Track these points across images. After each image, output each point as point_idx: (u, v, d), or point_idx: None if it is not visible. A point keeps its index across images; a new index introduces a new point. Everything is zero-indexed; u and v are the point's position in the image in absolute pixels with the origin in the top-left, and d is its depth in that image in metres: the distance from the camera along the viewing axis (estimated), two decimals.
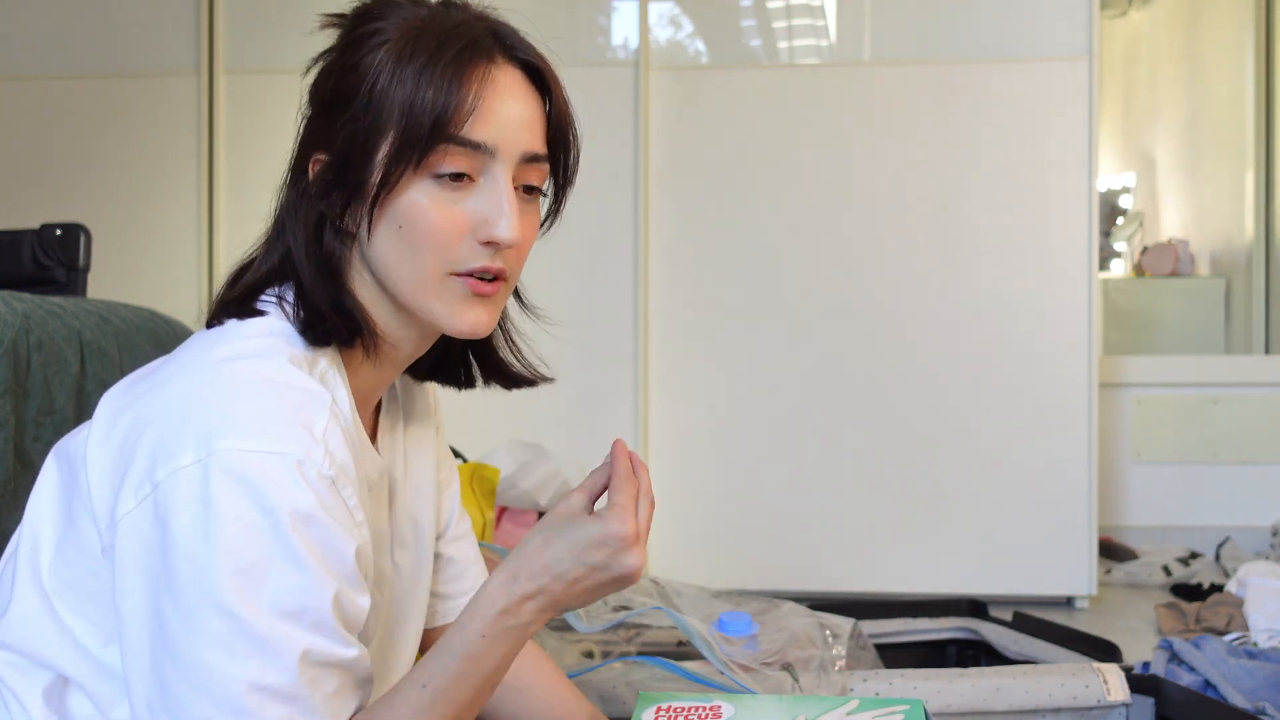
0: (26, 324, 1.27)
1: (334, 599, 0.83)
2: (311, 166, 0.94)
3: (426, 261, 0.92)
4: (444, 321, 0.94)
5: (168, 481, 0.81)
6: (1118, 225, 5.16)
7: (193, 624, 0.80)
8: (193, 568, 0.80)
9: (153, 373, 0.94)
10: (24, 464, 1.25)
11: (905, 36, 3.10)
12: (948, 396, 3.04)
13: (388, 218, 0.91)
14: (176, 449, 0.82)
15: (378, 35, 0.91)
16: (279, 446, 0.82)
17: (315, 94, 0.96)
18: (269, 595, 0.80)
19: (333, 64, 0.94)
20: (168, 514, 0.81)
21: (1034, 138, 3.02)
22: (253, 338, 0.91)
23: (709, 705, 1.04)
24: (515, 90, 0.94)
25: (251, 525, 0.80)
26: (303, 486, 0.82)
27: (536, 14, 1.15)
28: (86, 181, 3.16)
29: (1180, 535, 3.48)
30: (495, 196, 0.92)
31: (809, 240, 3.07)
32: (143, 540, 0.82)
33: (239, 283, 0.96)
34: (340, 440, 0.87)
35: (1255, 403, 3.49)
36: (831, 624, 1.40)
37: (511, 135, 0.92)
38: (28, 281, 1.72)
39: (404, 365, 1.02)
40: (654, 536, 3.11)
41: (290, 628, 0.81)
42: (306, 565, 0.81)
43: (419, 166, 0.90)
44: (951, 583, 2.99)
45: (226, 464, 0.81)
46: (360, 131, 0.90)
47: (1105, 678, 1.38)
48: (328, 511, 0.83)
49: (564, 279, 3.10)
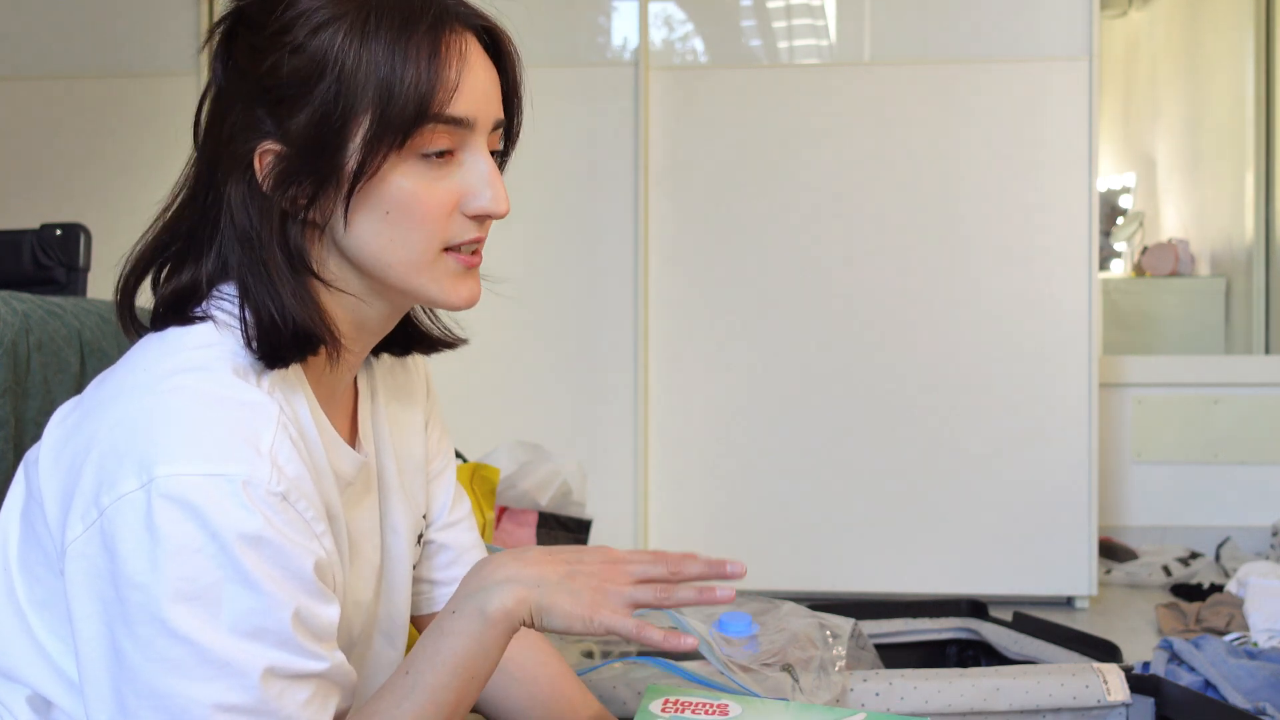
0: (26, 324, 1.26)
1: (294, 616, 0.81)
2: (259, 159, 0.87)
3: (418, 243, 0.89)
4: (438, 298, 0.92)
5: (112, 509, 0.79)
6: (1118, 225, 5.15)
7: (150, 652, 0.78)
8: (144, 596, 0.78)
9: (98, 387, 0.90)
10: None
11: (905, 36, 3.10)
12: (948, 396, 3.04)
13: (370, 204, 0.87)
14: (120, 475, 0.79)
15: (317, 12, 0.85)
16: (222, 468, 0.79)
17: (247, 76, 0.87)
18: (226, 619, 0.78)
19: (262, 42, 0.87)
20: (114, 542, 0.79)
21: (1034, 138, 3.02)
22: (195, 349, 0.86)
23: (716, 703, 1.04)
24: (482, 59, 0.91)
25: (200, 551, 0.78)
26: (249, 508, 0.79)
27: (537, 14, 1.15)
28: (86, 181, 3.16)
29: (1180, 535, 3.48)
30: (479, 169, 0.90)
31: (809, 240, 3.07)
32: (92, 566, 0.80)
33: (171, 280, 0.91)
34: (290, 452, 0.83)
35: (1255, 403, 3.49)
36: (831, 624, 1.40)
37: (484, 106, 0.90)
38: (28, 281, 1.72)
39: (371, 345, 0.99)
40: (654, 536, 3.11)
41: (251, 647, 0.79)
42: (260, 587, 0.79)
43: (402, 149, 0.86)
44: (951, 583, 2.99)
45: (169, 490, 0.78)
46: (329, 117, 0.85)
47: (1105, 678, 1.38)
48: (278, 530, 0.80)
49: (564, 279, 3.10)
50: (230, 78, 0.90)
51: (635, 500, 3.08)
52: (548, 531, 2.47)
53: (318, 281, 0.91)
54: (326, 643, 0.85)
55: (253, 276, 0.87)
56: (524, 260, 3.08)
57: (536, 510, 2.51)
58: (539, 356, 3.10)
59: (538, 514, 2.49)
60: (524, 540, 2.40)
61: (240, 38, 0.89)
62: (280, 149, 0.86)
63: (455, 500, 1.17)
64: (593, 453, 3.03)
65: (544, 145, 3.05)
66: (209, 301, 0.90)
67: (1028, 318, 3.02)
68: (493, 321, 1.13)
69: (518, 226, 3.04)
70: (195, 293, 0.90)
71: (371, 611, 1.04)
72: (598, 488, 2.92)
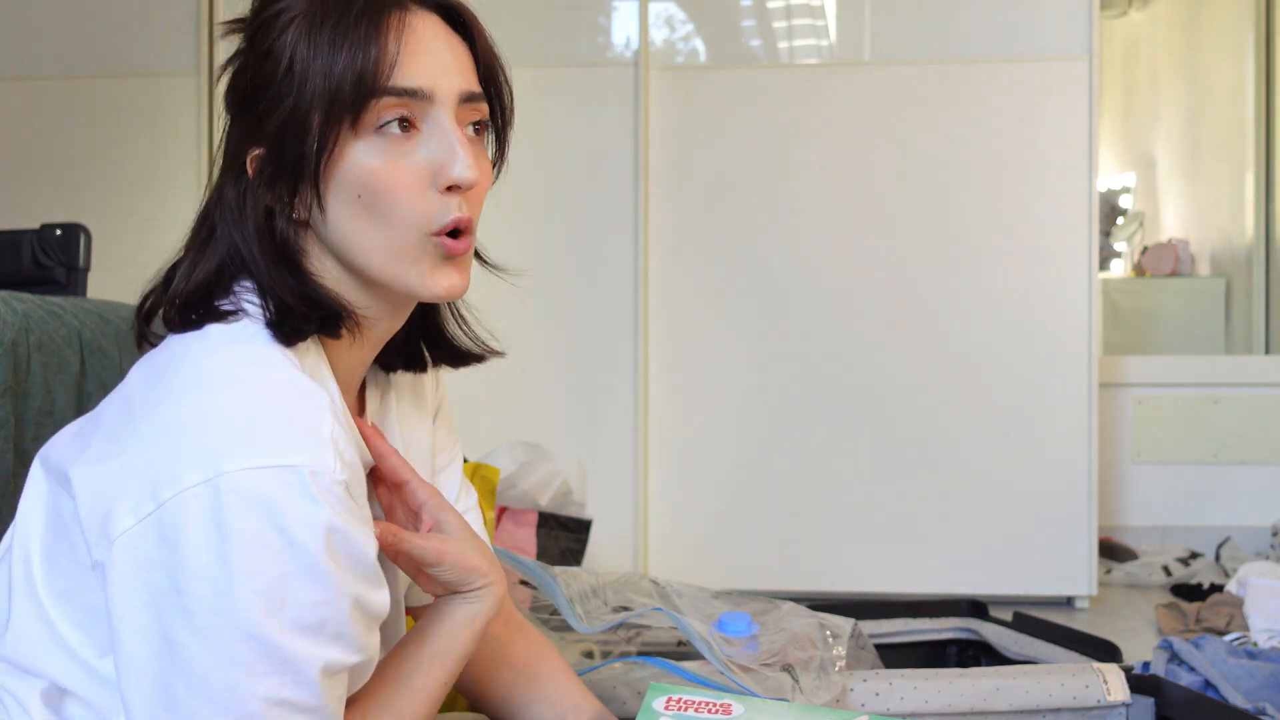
0: (26, 324, 1.27)
1: (353, 605, 0.83)
2: (250, 164, 0.91)
3: (397, 226, 0.89)
4: (418, 287, 0.92)
5: (174, 502, 0.79)
6: (1118, 225, 5.15)
7: (210, 644, 0.79)
8: (210, 590, 0.79)
9: (148, 383, 0.91)
10: (24, 464, 1.25)
11: (905, 36, 3.09)
12: (948, 396, 3.04)
13: (339, 189, 0.89)
14: (181, 468, 0.80)
15: (284, 14, 0.89)
16: (291, 459, 0.80)
17: (234, 96, 0.93)
18: (290, 613, 0.80)
19: (245, 59, 0.92)
20: (176, 535, 0.79)
21: (1034, 138, 3.02)
22: (244, 342, 0.88)
23: (720, 702, 1.04)
24: (437, 33, 0.92)
25: (269, 545, 0.79)
26: (319, 500, 0.80)
27: (537, 14, 1.15)
28: (86, 181, 3.16)
29: (1180, 535, 3.48)
30: (444, 139, 0.90)
31: (809, 240, 3.07)
32: (144, 560, 0.80)
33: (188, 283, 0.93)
34: (346, 439, 0.85)
35: (1255, 403, 3.49)
36: (831, 624, 1.40)
37: (444, 78, 0.90)
38: (28, 281, 1.72)
39: (381, 343, 0.99)
40: (654, 536, 3.11)
41: (310, 641, 0.81)
42: (327, 578, 0.81)
43: (356, 126, 0.88)
44: (951, 583, 2.99)
45: (238, 484, 0.79)
46: (288, 110, 0.88)
47: (1105, 678, 1.38)
48: (344, 519, 0.82)
49: (564, 279, 3.10)
50: (230, 99, 0.94)
51: (635, 500, 3.08)
52: (548, 531, 2.47)
53: (314, 264, 0.93)
54: (375, 629, 0.87)
55: (254, 267, 0.90)
56: (524, 260, 3.06)
57: (536, 510, 2.51)
58: (539, 356, 3.10)
59: (538, 514, 2.49)
60: (524, 540, 2.40)
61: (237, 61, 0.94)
62: (262, 151, 0.90)
63: (462, 491, 1.18)
64: (593, 453, 3.03)
65: (544, 145, 3.05)
66: (233, 297, 0.91)
67: (1028, 318, 3.02)
68: (492, 321, 1.13)
69: (518, 226, 3.04)
70: (211, 290, 0.92)
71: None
72: (598, 488, 2.92)
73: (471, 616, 1.00)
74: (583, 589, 1.42)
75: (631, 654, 1.65)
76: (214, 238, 0.93)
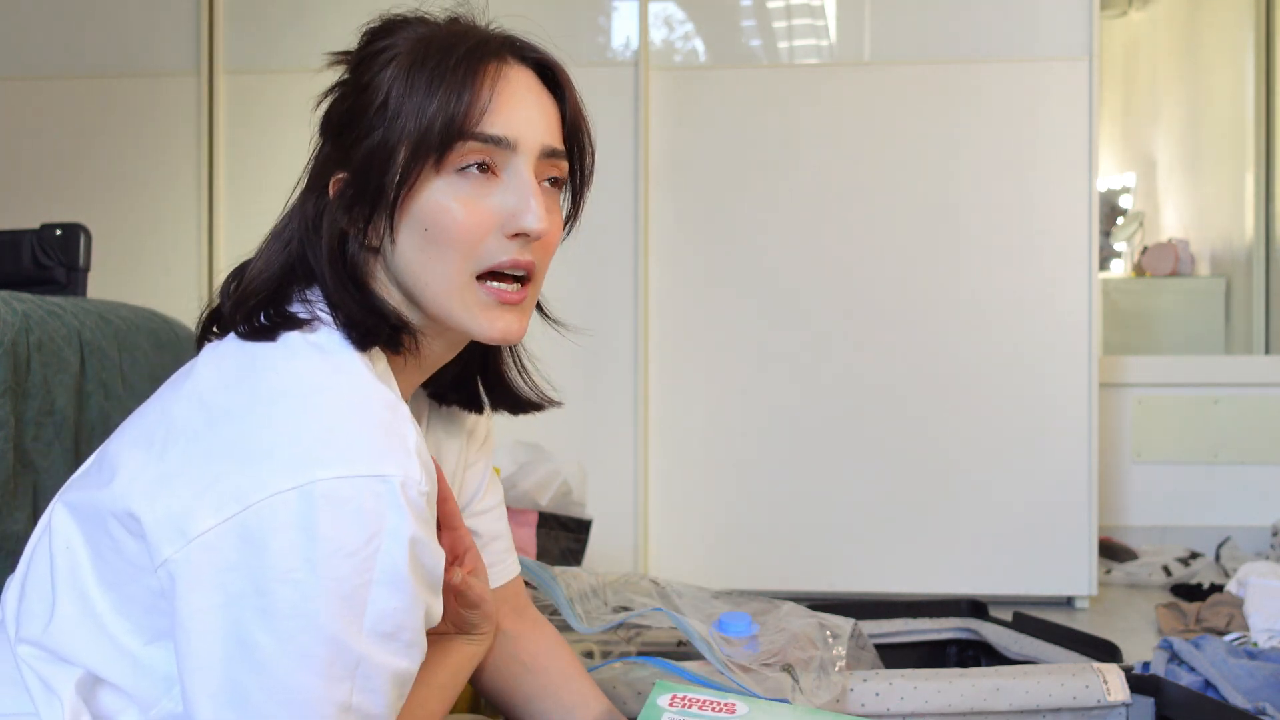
0: (26, 324, 1.26)
1: (425, 614, 0.86)
2: (332, 186, 0.94)
3: (453, 261, 0.92)
4: (473, 328, 0.94)
5: (263, 505, 0.81)
6: (1118, 225, 5.15)
7: (289, 647, 0.80)
8: (295, 593, 0.80)
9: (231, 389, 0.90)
10: (24, 464, 1.25)
11: (905, 36, 3.10)
12: (947, 396, 3.04)
13: (411, 221, 0.92)
14: (270, 473, 0.82)
15: (388, 51, 0.93)
16: (383, 469, 0.82)
17: (328, 122, 0.97)
18: (370, 620, 0.82)
19: (345, 89, 0.96)
20: (263, 538, 0.81)
21: (1034, 138, 3.02)
22: (325, 351, 0.90)
23: (724, 701, 1.04)
24: (530, 86, 0.95)
25: (357, 553, 0.81)
26: (405, 511, 0.82)
27: (536, 14, 1.16)
28: (86, 181, 3.17)
29: (1180, 535, 3.48)
30: (520, 189, 0.93)
31: (809, 240, 3.07)
32: (223, 559, 0.82)
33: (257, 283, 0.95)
34: (425, 450, 0.87)
35: (1255, 403, 3.49)
36: (831, 624, 1.40)
37: (529, 130, 0.94)
38: (28, 281, 1.72)
39: (433, 368, 1.02)
40: (654, 536, 3.11)
41: (385, 649, 0.83)
42: (407, 588, 0.83)
43: (440, 165, 0.91)
44: (951, 583, 3.00)
45: (328, 492, 0.80)
46: (378, 142, 0.91)
47: (1105, 678, 1.38)
48: (426, 529, 0.84)
49: (564, 279, 3.09)
50: (324, 124, 0.98)
51: (635, 500, 3.08)
52: (548, 531, 2.47)
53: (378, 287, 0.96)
54: None
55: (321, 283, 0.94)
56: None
57: (536, 510, 2.51)
58: (539, 356, 3.09)
59: (538, 514, 2.49)
60: (524, 540, 2.40)
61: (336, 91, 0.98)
62: (346, 175, 0.93)
63: (489, 488, 1.20)
64: (593, 453, 3.03)
65: None
66: (308, 305, 0.94)
67: (1028, 318, 3.02)
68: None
69: None
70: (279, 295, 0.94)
71: None
72: (598, 488, 2.92)
73: (474, 655, 1.08)
74: (583, 589, 1.43)
75: (631, 654, 1.65)
76: (287, 247, 0.96)
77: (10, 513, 1.22)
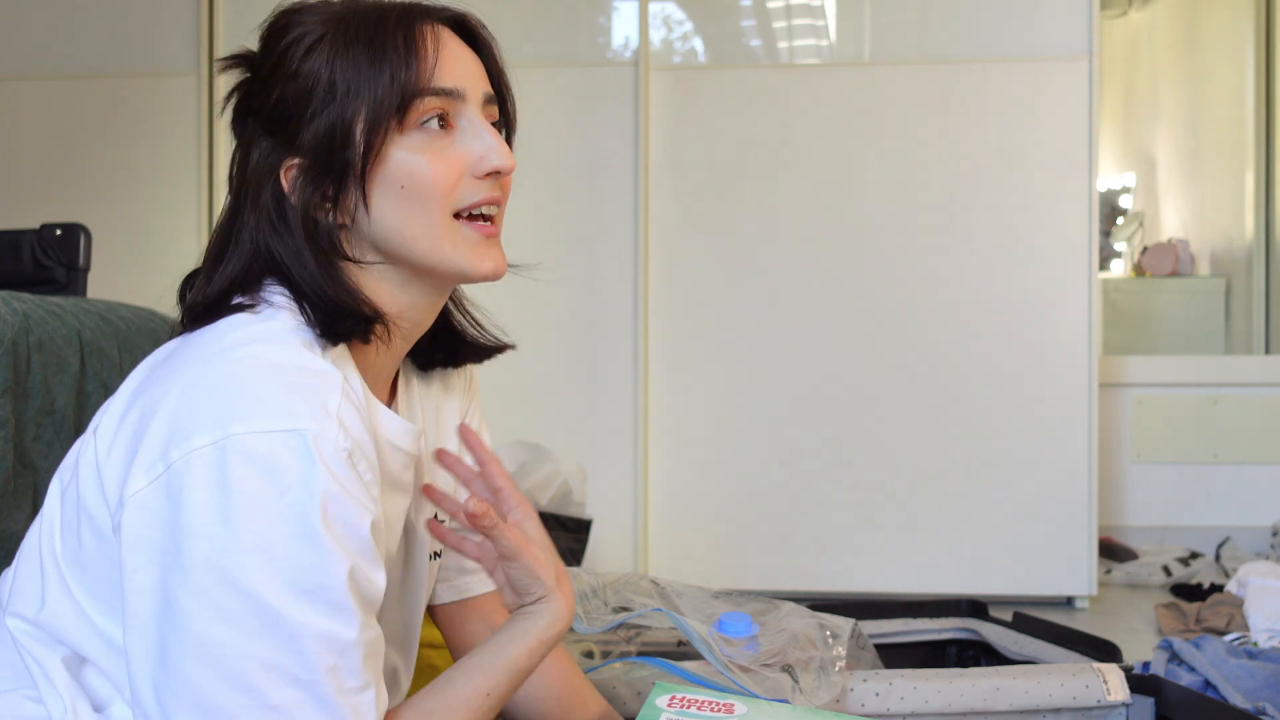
0: (26, 324, 1.27)
1: (349, 575, 0.84)
2: (284, 174, 0.95)
3: (434, 209, 0.95)
4: (465, 266, 0.97)
5: (181, 462, 0.83)
6: (1118, 225, 5.15)
7: (205, 601, 0.81)
8: (210, 547, 0.81)
9: (168, 357, 0.96)
10: (24, 464, 1.25)
11: (905, 36, 3.10)
12: (948, 396, 3.04)
13: (383, 185, 0.94)
14: (191, 431, 0.83)
15: (306, 37, 0.95)
16: (294, 424, 0.84)
17: (259, 118, 0.97)
18: (285, 573, 0.82)
19: (263, 86, 0.96)
20: (181, 494, 0.82)
21: (1034, 138, 3.02)
22: (262, 323, 0.93)
23: (723, 702, 1.04)
24: (458, 43, 0.99)
25: (268, 506, 0.82)
26: (318, 463, 0.83)
27: (537, 14, 1.17)
28: (86, 181, 3.17)
29: (1180, 535, 3.48)
30: (479, 133, 0.97)
31: (809, 240, 3.08)
32: (153, 518, 0.83)
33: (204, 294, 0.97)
34: (354, 416, 0.88)
35: (1255, 403, 3.49)
36: (831, 624, 1.40)
37: (471, 79, 0.98)
38: (28, 281, 1.73)
39: (415, 336, 1.04)
40: (654, 536, 3.11)
41: (306, 606, 0.82)
42: (322, 543, 0.83)
43: (401, 125, 0.94)
44: (951, 583, 3.00)
45: (242, 446, 0.82)
46: (332, 120, 0.93)
47: (1105, 678, 1.38)
48: (343, 485, 0.85)
49: (564, 279, 3.10)
50: (250, 125, 0.98)
51: (635, 500, 3.08)
52: (548, 532, 2.47)
53: (354, 265, 0.97)
54: (374, 611, 0.88)
55: (296, 276, 0.94)
56: (523, 260, 3.08)
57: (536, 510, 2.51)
58: (539, 356, 3.09)
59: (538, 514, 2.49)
60: None
61: (251, 93, 0.98)
62: (299, 161, 0.95)
63: None
64: (593, 453, 3.03)
65: (544, 145, 3.05)
66: (257, 293, 0.95)
67: (1028, 318, 3.02)
68: (492, 321, 1.15)
69: (518, 226, 3.03)
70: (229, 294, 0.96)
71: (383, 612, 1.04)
72: (598, 488, 2.92)
73: (525, 630, 1.01)
74: (583, 589, 1.43)
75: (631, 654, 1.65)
76: (242, 249, 0.97)
77: (10, 513, 1.22)
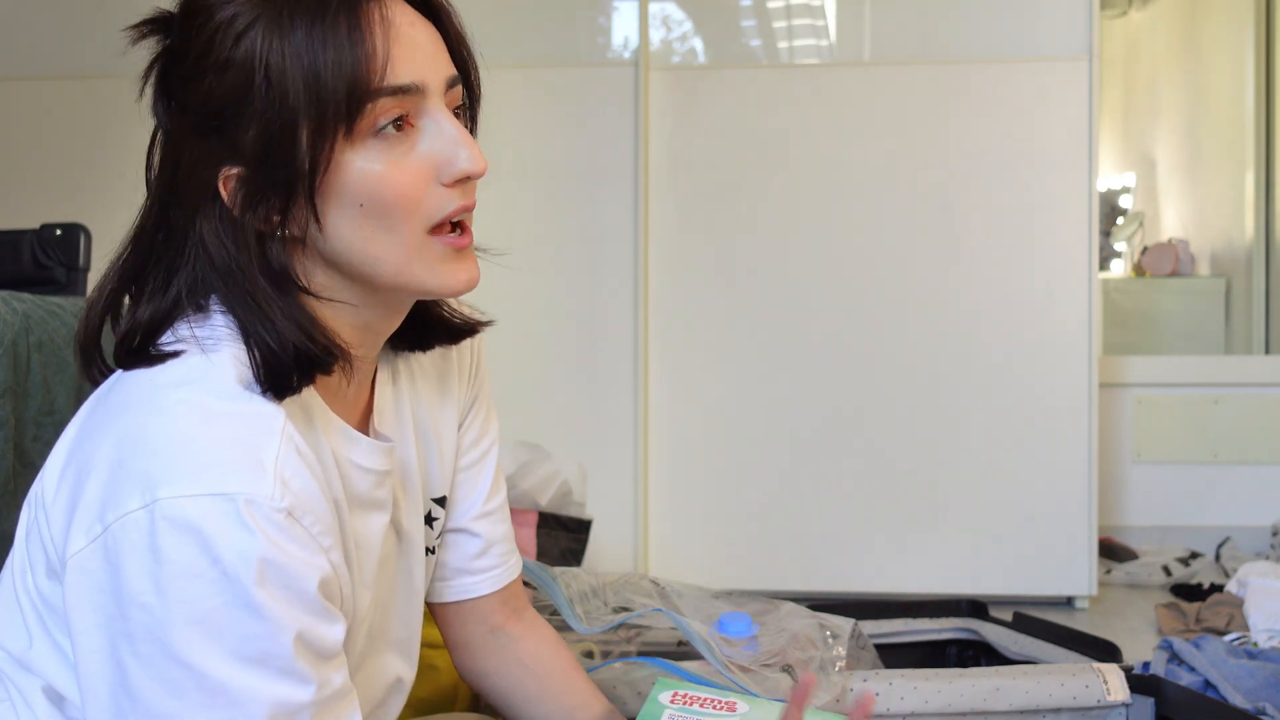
0: (26, 324, 1.27)
1: (296, 639, 0.79)
2: (223, 186, 0.84)
3: (402, 228, 0.85)
4: (436, 286, 0.88)
5: (116, 525, 0.78)
6: (1118, 225, 5.15)
7: (151, 672, 0.77)
8: (148, 617, 0.77)
9: (106, 394, 0.89)
10: (24, 464, 1.25)
11: (905, 36, 3.10)
12: (947, 396, 3.04)
13: (339, 201, 0.84)
14: (123, 492, 0.78)
15: (236, 19, 0.82)
16: (224, 487, 0.77)
17: (187, 113, 0.85)
18: (228, 644, 0.77)
19: (189, 71, 0.84)
20: (119, 559, 0.78)
21: (1034, 137, 3.02)
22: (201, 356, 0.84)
23: (725, 700, 1.04)
24: (412, 19, 0.86)
25: (201, 575, 0.76)
26: (253, 529, 0.77)
27: (536, 14, 1.16)
28: (86, 181, 3.16)
29: (1180, 535, 3.47)
30: (445, 132, 0.86)
31: (809, 240, 3.07)
32: (94, 581, 0.79)
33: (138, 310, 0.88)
34: (296, 465, 0.81)
35: (1255, 403, 3.49)
36: (831, 624, 1.40)
37: (430, 67, 0.86)
38: (28, 281, 1.72)
39: (379, 344, 0.96)
40: (654, 536, 3.11)
41: (255, 675, 0.78)
42: (263, 612, 0.77)
43: (351, 134, 0.82)
44: (951, 583, 2.99)
45: (171, 512, 0.76)
46: (272, 124, 0.81)
47: (1105, 678, 1.38)
48: (282, 549, 0.78)
49: (564, 279, 3.10)
50: (174, 116, 0.86)
51: (635, 500, 3.08)
52: (548, 531, 2.47)
53: (309, 297, 0.87)
54: (332, 661, 0.83)
55: (242, 309, 0.85)
56: (523, 260, 3.08)
57: (536, 510, 2.51)
58: (539, 356, 3.09)
59: (538, 514, 2.49)
60: (524, 540, 2.40)
61: (172, 74, 0.86)
62: (239, 170, 0.84)
63: (494, 489, 1.15)
64: (593, 453, 3.02)
65: (544, 145, 3.05)
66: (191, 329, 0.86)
67: (1028, 317, 3.02)
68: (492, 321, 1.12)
69: (517, 226, 3.04)
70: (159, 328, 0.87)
71: (382, 623, 1.03)
72: (598, 488, 2.92)
73: None
74: (583, 589, 1.42)
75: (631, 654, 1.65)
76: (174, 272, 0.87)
77: (10, 513, 1.22)
